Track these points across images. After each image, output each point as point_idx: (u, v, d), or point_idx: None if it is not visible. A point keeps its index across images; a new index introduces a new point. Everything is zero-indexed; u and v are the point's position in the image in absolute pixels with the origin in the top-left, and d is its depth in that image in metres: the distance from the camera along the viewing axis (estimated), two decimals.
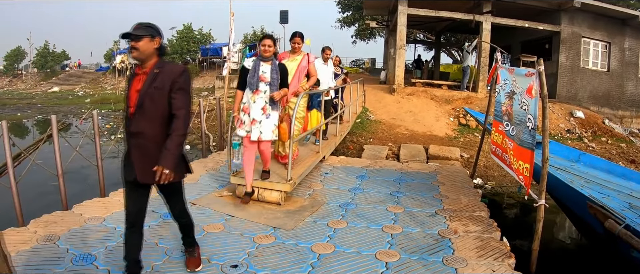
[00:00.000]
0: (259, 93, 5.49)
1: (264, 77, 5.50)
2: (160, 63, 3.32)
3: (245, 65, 5.64)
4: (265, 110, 5.51)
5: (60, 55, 60.07)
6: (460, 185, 7.07)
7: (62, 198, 5.58)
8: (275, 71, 5.54)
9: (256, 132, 5.49)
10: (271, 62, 5.56)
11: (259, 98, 5.49)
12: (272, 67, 5.53)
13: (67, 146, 6.37)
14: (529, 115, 5.17)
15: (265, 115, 5.51)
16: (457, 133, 13.99)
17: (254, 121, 5.48)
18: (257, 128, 5.48)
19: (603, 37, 18.53)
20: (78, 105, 28.76)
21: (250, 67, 5.55)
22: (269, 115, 5.54)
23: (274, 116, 5.60)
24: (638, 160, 12.72)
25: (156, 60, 3.33)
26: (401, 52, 17.42)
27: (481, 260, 4.22)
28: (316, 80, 6.99)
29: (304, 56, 6.62)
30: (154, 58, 3.33)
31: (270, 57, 5.56)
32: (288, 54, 6.62)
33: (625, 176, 7.01)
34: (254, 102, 5.48)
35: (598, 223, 4.93)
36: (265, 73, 5.51)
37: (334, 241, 4.64)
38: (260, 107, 5.49)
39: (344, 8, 34.39)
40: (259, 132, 5.49)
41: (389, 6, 20.32)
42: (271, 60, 5.57)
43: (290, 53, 6.62)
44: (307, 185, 6.81)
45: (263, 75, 5.50)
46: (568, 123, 15.38)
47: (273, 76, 5.52)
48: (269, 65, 5.54)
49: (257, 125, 5.49)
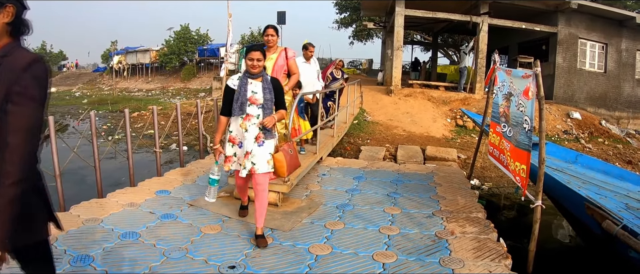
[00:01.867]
0: (250, 118, 4.40)
1: (254, 99, 4.38)
2: (10, 47, 2.01)
3: (229, 85, 4.46)
4: (258, 138, 4.41)
5: (57, 56, 60.05)
6: (457, 186, 7.08)
7: (60, 199, 5.57)
8: (268, 90, 4.43)
9: (248, 164, 4.39)
10: (262, 78, 4.45)
11: (252, 125, 4.40)
12: (263, 85, 4.42)
13: (64, 147, 6.36)
14: (526, 116, 5.19)
15: (257, 144, 4.41)
16: (454, 134, 14.02)
17: (248, 154, 4.39)
18: (248, 161, 4.39)
19: (600, 38, 18.59)
20: (75, 105, 28.67)
21: (236, 86, 4.41)
22: (263, 142, 4.42)
23: (268, 144, 4.47)
24: (635, 161, 12.77)
25: (5, 43, 2.02)
26: (398, 53, 17.44)
27: (478, 261, 4.23)
28: (298, 79, 6.14)
29: (281, 52, 5.78)
30: (2, 39, 2.01)
31: (261, 73, 4.44)
32: None
33: (622, 177, 7.05)
34: (245, 130, 4.40)
35: (595, 223, 4.95)
36: (255, 94, 4.39)
37: (332, 242, 4.64)
38: (253, 135, 4.40)
39: (341, 9, 34.39)
40: (251, 164, 4.40)
41: (387, 7, 20.34)
42: (262, 76, 4.46)
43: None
44: (304, 186, 6.81)
45: (253, 95, 4.38)
46: (565, 124, 15.42)
47: (266, 96, 4.41)
48: (260, 82, 4.43)
49: (249, 157, 4.39)
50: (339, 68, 10.40)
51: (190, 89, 34.74)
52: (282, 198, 5.89)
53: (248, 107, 4.35)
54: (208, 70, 38.20)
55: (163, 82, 39.36)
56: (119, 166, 10.01)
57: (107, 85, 42.53)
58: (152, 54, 42.53)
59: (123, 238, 4.50)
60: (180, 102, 18.11)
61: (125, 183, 7.08)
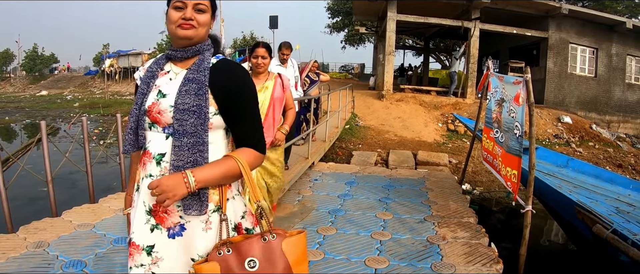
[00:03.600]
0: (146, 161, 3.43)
1: (160, 110, 3.36)
2: None
3: None
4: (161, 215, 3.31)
5: (49, 59, 59.71)
6: (448, 191, 7.11)
7: (52, 204, 5.54)
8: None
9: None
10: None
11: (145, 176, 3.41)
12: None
13: (55, 151, 6.34)
14: (517, 122, 5.22)
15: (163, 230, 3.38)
16: (446, 138, 14.07)
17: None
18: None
19: (590, 43, 18.76)
20: (67, 108, 28.56)
21: None
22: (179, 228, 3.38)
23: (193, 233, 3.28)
24: (625, 165, 12.86)
25: None
26: (390, 58, 17.51)
27: (469, 266, 4.25)
28: (295, 114, 4.81)
29: (276, 81, 4.28)
30: None
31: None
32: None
33: (613, 181, 7.09)
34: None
35: (586, 227, 4.98)
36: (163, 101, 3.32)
37: (324, 248, 4.65)
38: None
39: (333, 14, 34.46)
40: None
41: (378, 12, 20.42)
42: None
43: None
44: (296, 191, 6.82)
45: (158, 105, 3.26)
46: (556, 129, 15.51)
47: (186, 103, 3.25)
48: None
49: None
50: (314, 70, 9.09)
51: None
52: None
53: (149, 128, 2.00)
54: None
55: None
56: (111, 171, 9.98)
57: (99, 89, 42.34)
58: (144, 57, 42.31)
59: (115, 244, 4.48)
60: None
61: (117, 188, 7.06)
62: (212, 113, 1.78)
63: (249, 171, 1.79)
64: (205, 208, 1.76)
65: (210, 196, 1.78)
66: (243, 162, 1.76)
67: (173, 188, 1.62)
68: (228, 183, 1.82)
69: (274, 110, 4.20)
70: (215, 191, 1.80)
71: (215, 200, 1.79)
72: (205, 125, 1.75)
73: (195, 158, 1.74)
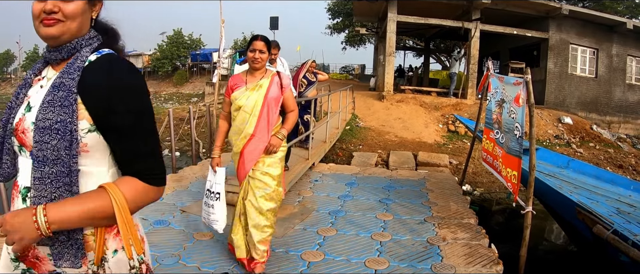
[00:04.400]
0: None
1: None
2: None
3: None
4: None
5: None
6: (449, 192, 7.10)
7: None
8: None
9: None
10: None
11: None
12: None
13: None
14: (517, 123, 5.22)
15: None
16: (446, 139, 14.06)
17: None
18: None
19: (591, 43, 18.75)
20: None
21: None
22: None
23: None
24: (626, 165, 12.86)
25: None
26: (390, 59, 17.50)
27: (469, 267, 4.24)
28: (296, 118, 4.20)
29: (273, 79, 3.85)
30: None
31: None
32: (242, 77, 3.88)
33: (613, 181, 7.09)
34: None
35: (587, 228, 4.98)
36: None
37: (324, 249, 4.64)
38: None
39: (334, 15, 34.45)
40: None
41: (379, 13, 20.41)
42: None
43: (246, 75, 3.88)
44: (296, 192, 6.81)
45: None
46: (556, 129, 15.50)
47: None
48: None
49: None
50: (312, 70, 8.29)
51: (183, 94, 34.66)
52: None
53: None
54: (200, 75, 38.08)
55: (155, 87, 39.21)
56: None
57: None
58: (145, 59, 42.37)
59: None
60: (172, 107, 18.08)
61: None
62: (86, 130, 1.32)
63: (126, 210, 1.32)
64: (80, 259, 1.32)
65: (88, 242, 1.34)
66: (119, 197, 1.30)
67: (19, 228, 1.20)
68: (99, 225, 1.34)
69: (268, 112, 3.74)
70: (95, 236, 1.34)
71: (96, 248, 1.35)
72: (71, 148, 1.28)
73: (60, 194, 1.29)
